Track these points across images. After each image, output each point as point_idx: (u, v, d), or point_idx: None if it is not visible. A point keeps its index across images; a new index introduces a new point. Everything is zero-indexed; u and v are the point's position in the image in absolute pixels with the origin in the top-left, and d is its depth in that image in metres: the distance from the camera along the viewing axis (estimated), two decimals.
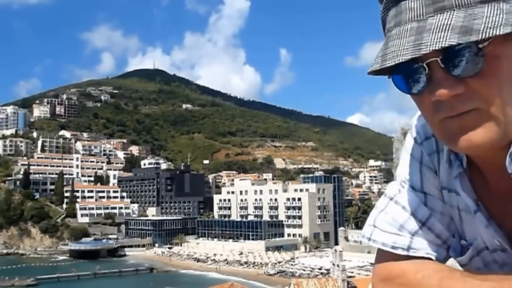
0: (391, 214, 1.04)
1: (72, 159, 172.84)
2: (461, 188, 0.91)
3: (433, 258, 1.00)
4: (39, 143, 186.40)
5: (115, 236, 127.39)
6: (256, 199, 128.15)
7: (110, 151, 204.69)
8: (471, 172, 0.92)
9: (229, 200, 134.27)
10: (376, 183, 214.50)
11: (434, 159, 1.03)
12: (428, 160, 1.03)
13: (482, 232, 0.92)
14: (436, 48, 0.72)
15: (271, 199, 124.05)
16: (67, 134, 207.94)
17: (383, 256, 1.03)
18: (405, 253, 1.00)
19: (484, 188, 0.92)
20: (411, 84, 0.81)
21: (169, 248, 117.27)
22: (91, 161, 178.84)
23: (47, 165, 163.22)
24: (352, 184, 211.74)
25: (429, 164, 1.03)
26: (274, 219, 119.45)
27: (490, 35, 0.71)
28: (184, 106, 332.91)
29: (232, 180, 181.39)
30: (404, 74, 0.81)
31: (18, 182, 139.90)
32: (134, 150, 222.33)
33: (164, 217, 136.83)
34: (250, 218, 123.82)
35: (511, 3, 0.74)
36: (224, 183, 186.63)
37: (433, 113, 0.81)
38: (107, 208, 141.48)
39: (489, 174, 0.90)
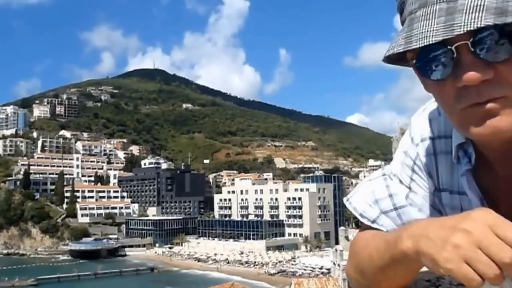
0: (373, 187, 1.09)
1: (72, 159, 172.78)
2: (468, 187, 0.89)
3: None
4: (39, 143, 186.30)
5: (115, 236, 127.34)
6: (256, 199, 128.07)
7: (110, 151, 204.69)
8: (479, 170, 0.90)
9: (229, 199, 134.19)
10: None
11: (430, 161, 1.02)
12: (422, 162, 1.03)
13: None
14: (472, 28, 0.68)
15: (271, 199, 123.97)
16: (67, 134, 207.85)
17: (362, 225, 1.10)
18: (369, 223, 1.06)
19: (491, 186, 0.90)
20: (434, 69, 0.76)
21: (170, 248, 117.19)
22: (91, 161, 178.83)
23: (47, 165, 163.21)
24: (352, 183, 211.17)
25: (423, 165, 1.03)
26: (275, 219, 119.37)
27: None
28: (184, 105, 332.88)
29: (233, 179, 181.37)
30: (428, 58, 0.76)
31: (18, 182, 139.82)
32: (135, 150, 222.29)
33: (165, 217, 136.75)
34: (251, 217, 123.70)
35: None
36: (225, 183, 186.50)
37: (455, 101, 0.77)
38: (108, 208, 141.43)
39: (501, 166, 0.87)
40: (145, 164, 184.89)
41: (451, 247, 0.67)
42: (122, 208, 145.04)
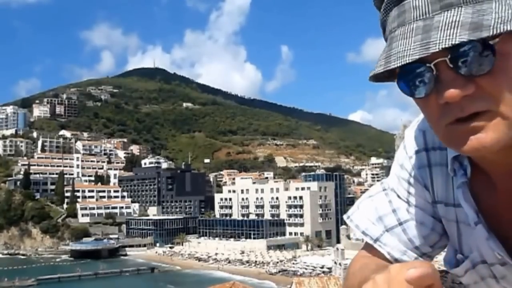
0: (376, 203, 1.08)
1: (73, 159, 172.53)
2: (464, 199, 0.89)
3: (392, 259, 1.04)
4: (39, 143, 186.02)
5: (116, 236, 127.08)
6: (257, 198, 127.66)
7: (110, 150, 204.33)
8: (475, 182, 0.89)
9: (230, 199, 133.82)
10: (378, 180, 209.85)
11: (424, 173, 1.01)
12: (417, 174, 1.02)
13: (481, 245, 0.90)
14: (447, 45, 0.68)
15: (272, 198, 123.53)
16: (67, 134, 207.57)
17: (364, 244, 1.11)
18: (371, 242, 1.06)
19: (489, 198, 0.89)
20: (416, 87, 0.76)
21: (170, 247, 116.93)
22: (91, 161, 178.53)
23: (48, 165, 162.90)
24: (354, 182, 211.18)
25: (418, 177, 1.03)
26: (276, 218, 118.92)
27: (501, 30, 0.68)
28: (184, 105, 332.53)
29: (233, 179, 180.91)
30: (409, 76, 0.76)
31: (18, 182, 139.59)
32: (135, 149, 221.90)
33: (165, 217, 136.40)
34: (252, 217, 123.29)
35: None
36: (225, 182, 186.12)
37: (440, 117, 0.77)
38: (108, 208, 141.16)
39: (499, 177, 0.86)
40: (145, 164, 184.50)
41: None
42: (122, 208, 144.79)
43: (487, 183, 0.87)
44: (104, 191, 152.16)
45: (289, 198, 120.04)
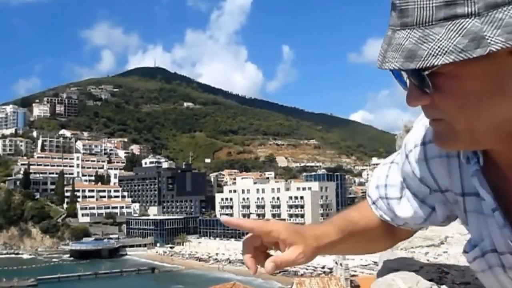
0: (379, 173, 1.19)
1: (73, 159, 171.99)
2: (480, 185, 0.88)
3: (385, 221, 1.17)
4: (39, 142, 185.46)
5: (116, 236, 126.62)
6: (258, 198, 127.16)
7: (110, 150, 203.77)
8: (487, 171, 0.89)
9: (231, 199, 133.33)
10: None
11: (421, 167, 1.03)
12: (413, 168, 1.04)
13: (494, 233, 0.89)
14: (386, 68, 0.71)
15: (273, 198, 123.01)
16: (67, 133, 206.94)
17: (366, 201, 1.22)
18: (370, 203, 1.19)
19: (499, 188, 0.89)
20: (404, 83, 0.79)
21: (171, 247, 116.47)
22: (91, 161, 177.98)
23: (47, 165, 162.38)
24: (355, 182, 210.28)
25: (413, 171, 1.05)
26: (277, 218, 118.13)
27: (428, 64, 0.67)
28: (185, 104, 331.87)
29: (234, 178, 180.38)
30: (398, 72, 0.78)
31: (18, 182, 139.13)
32: (135, 149, 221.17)
33: (166, 217, 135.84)
34: (252, 216, 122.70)
35: (486, 18, 0.64)
36: (226, 182, 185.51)
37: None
38: (108, 208, 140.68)
39: (508, 168, 0.86)
40: (146, 164, 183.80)
41: None
42: (122, 207, 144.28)
43: (499, 173, 0.87)
44: (104, 191, 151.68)
45: (290, 198, 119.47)
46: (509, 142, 0.77)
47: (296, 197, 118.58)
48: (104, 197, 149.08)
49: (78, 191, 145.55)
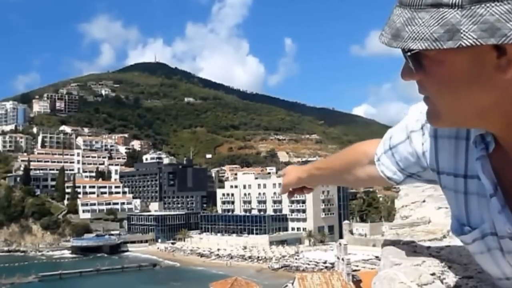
0: (392, 131, 1.27)
1: (73, 155, 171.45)
2: (482, 171, 0.90)
3: (384, 177, 1.25)
4: (39, 138, 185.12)
5: (117, 232, 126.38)
6: (259, 193, 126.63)
7: (111, 146, 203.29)
8: (496, 158, 0.90)
9: (232, 194, 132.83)
10: None
11: (430, 143, 1.06)
12: (426, 139, 1.07)
13: (495, 217, 0.91)
14: (380, 42, 0.75)
15: (274, 193, 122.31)
16: (67, 129, 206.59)
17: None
18: (375, 160, 1.29)
19: (506, 174, 0.90)
20: None
21: (172, 243, 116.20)
22: (92, 157, 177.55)
23: (48, 161, 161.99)
24: None
25: (411, 150, 1.12)
26: (278, 213, 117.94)
27: (405, 47, 0.72)
28: (186, 99, 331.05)
29: (235, 174, 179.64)
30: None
31: (18, 179, 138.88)
32: (136, 144, 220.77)
33: (167, 212, 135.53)
34: (254, 212, 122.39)
35: (467, 11, 0.67)
36: (227, 177, 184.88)
37: None
38: (109, 204, 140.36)
39: None
40: (146, 159, 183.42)
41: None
42: (123, 203, 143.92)
43: (505, 157, 0.89)
44: (105, 187, 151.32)
45: None
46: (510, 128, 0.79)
47: None
48: (105, 193, 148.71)
49: (79, 187, 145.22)
